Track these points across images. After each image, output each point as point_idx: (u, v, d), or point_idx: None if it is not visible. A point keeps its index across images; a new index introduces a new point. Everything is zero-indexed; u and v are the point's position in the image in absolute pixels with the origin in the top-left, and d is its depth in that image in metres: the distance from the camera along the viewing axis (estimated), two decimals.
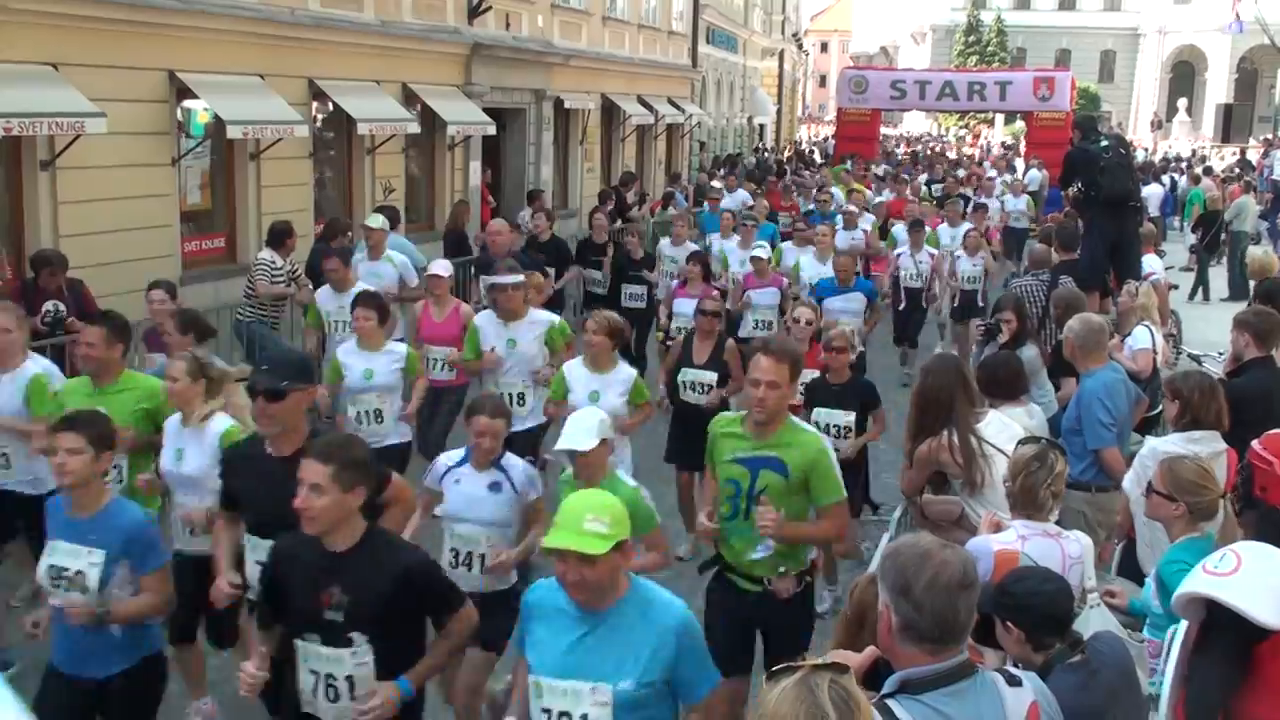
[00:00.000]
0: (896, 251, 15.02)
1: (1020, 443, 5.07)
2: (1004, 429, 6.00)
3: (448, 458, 6.11)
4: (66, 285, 10.14)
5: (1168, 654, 4.16)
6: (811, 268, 13.17)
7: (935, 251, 14.89)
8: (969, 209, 18.03)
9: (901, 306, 14.67)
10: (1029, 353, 8.35)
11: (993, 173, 29.94)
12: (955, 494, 6.09)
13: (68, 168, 12.36)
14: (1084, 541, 4.96)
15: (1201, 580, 3.65)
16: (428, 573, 4.43)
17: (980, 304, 14.23)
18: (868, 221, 17.57)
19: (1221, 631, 3.61)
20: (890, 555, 3.09)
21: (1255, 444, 4.40)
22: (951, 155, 45.00)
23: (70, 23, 12.31)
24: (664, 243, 14.98)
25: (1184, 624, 3.87)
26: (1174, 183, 32.62)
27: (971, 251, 14.50)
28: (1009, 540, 4.76)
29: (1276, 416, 6.59)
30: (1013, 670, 3.24)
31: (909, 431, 6.37)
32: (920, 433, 6.16)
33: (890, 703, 2.92)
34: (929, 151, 46.01)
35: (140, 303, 10.78)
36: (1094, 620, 4.63)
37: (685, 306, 10.71)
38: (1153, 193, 27.22)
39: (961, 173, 31.80)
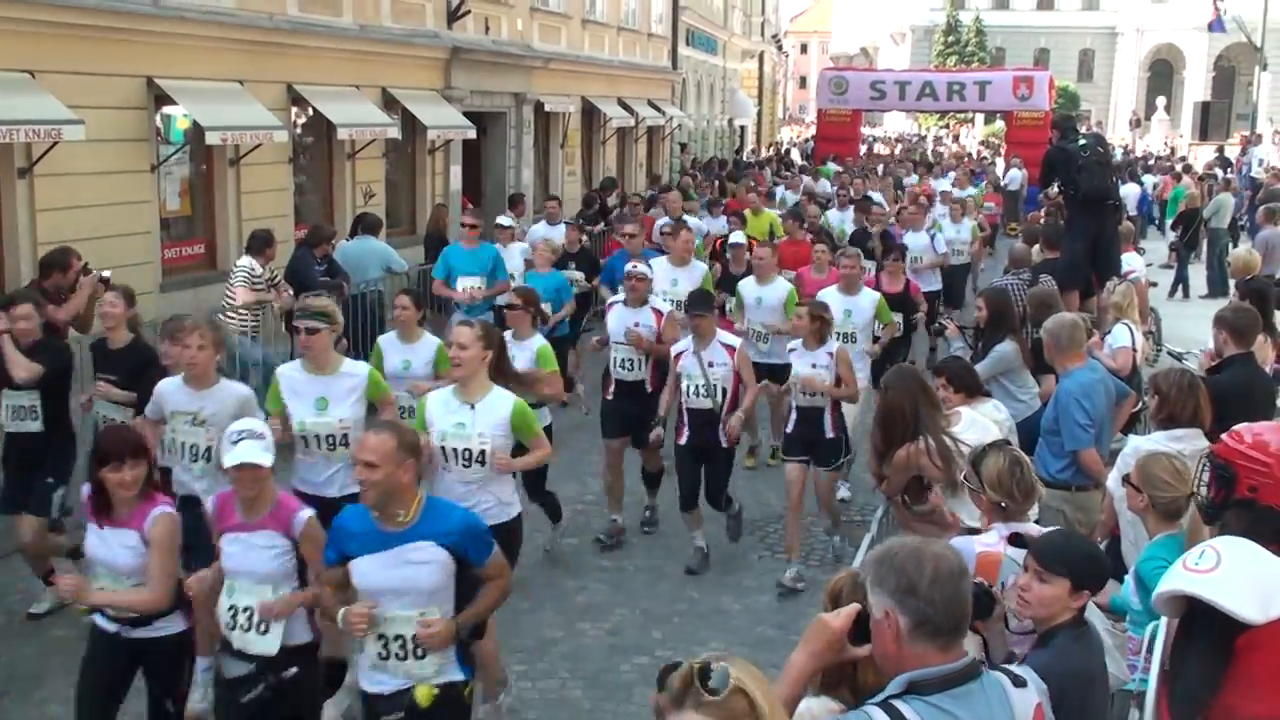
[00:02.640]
0: (676, 349, 8.67)
1: (978, 457, 5.03)
2: (986, 430, 6.02)
3: None
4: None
5: (1148, 651, 4.17)
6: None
7: (737, 344, 8.64)
8: (883, 255, 12.46)
9: (683, 440, 8.66)
10: (1008, 347, 8.34)
11: (946, 184, 23.52)
12: (936, 494, 6.09)
13: (45, 175, 12.31)
14: None
15: (1183, 578, 3.67)
16: None
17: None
18: (669, 286, 10.68)
19: (1203, 627, 3.63)
20: (882, 560, 3.03)
21: (1233, 443, 4.32)
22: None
23: (47, 30, 12.26)
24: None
25: (1164, 621, 3.89)
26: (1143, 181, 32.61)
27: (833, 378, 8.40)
28: (991, 542, 4.77)
29: (1256, 412, 6.64)
30: (1017, 670, 3.22)
31: (875, 449, 6.37)
32: (888, 447, 6.17)
33: (897, 704, 2.87)
34: (897, 158, 38.28)
35: None
36: None
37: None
38: (1130, 192, 27.36)
39: (914, 181, 26.54)
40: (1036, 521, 4.98)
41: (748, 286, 10.74)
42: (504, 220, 13.92)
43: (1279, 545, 3.84)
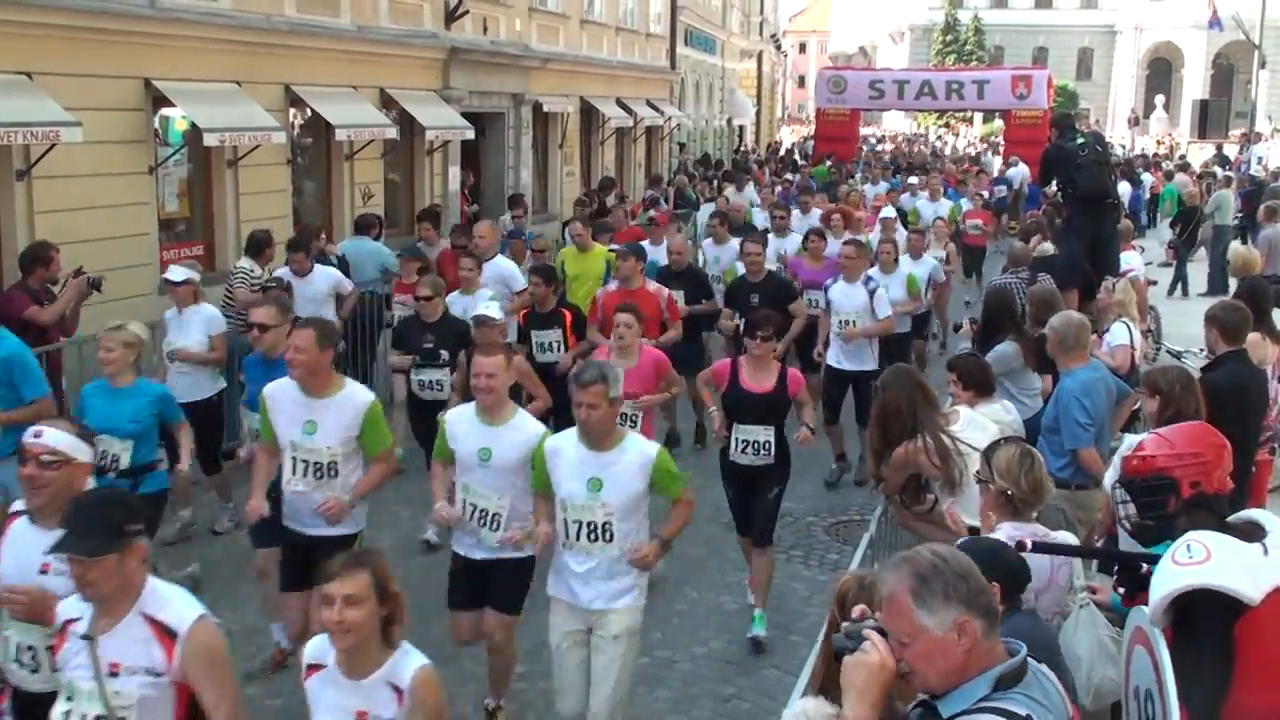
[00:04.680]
0: (60, 614, 4.15)
1: (991, 449, 5.03)
2: (985, 429, 6.01)
3: None
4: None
5: (1133, 648, 4.16)
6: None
7: (186, 628, 3.94)
8: (747, 328, 8.10)
9: None
10: (1008, 348, 8.31)
11: (889, 210, 16.91)
12: (933, 493, 6.09)
13: (44, 177, 12.29)
14: (1070, 541, 4.96)
15: (1180, 575, 3.68)
16: None
17: None
18: (299, 435, 6.36)
19: (1204, 623, 3.65)
20: (937, 573, 2.91)
21: (1151, 452, 4.44)
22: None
23: (45, 31, 12.24)
24: None
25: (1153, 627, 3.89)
26: (1139, 180, 32.40)
27: None
28: None
29: (1251, 409, 6.65)
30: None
31: (872, 447, 6.37)
32: (885, 447, 6.17)
33: (1006, 705, 2.82)
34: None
35: (120, 311, 10.73)
36: (1084, 620, 4.64)
37: None
38: (1122, 190, 27.29)
39: (879, 190, 21.61)
40: (1036, 519, 4.97)
41: (461, 423, 6.18)
42: (176, 273, 9.57)
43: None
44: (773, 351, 7.73)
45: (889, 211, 16.25)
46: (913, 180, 21.48)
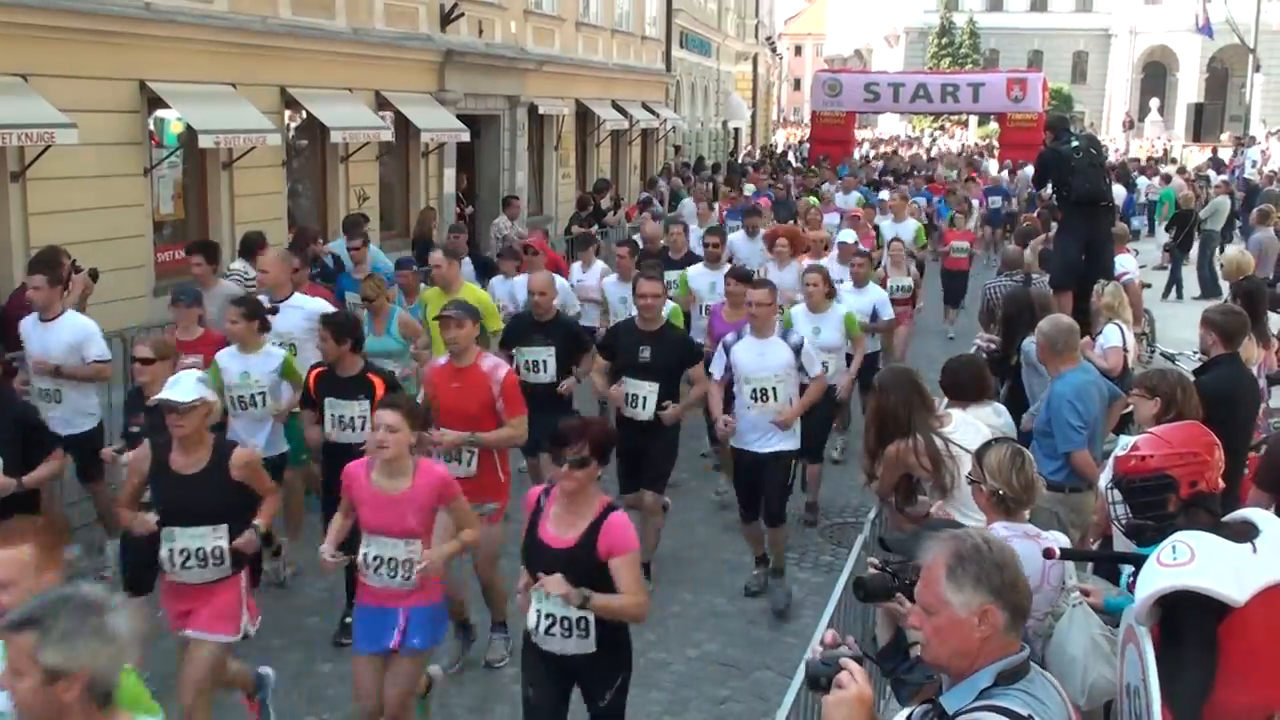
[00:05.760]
0: None
1: (982, 449, 5.04)
2: (977, 432, 6.02)
3: None
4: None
5: (1125, 647, 4.18)
6: None
7: None
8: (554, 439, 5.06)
9: None
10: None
11: (848, 236, 12.84)
12: (926, 495, 6.10)
13: (38, 179, 12.29)
14: (1063, 542, 4.98)
15: (1165, 575, 3.70)
16: None
17: None
18: None
19: (1188, 623, 3.67)
20: (974, 558, 2.94)
21: (1149, 451, 4.47)
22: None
23: (40, 33, 12.24)
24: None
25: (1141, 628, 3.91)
26: (1132, 184, 32.31)
27: None
28: None
29: (1241, 412, 6.67)
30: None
31: (867, 448, 6.38)
32: (880, 448, 6.18)
33: (1005, 704, 2.83)
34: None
35: (115, 313, 10.74)
36: (1077, 619, 4.65)
37: None
38: (1116, 194, 27.16)
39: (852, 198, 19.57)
40: (1029, 521, 4.98)
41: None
42: None
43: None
44: (589, 481, 4.97)
45: (846, 235, 12.83)
46: (883, 195, 19.00)
